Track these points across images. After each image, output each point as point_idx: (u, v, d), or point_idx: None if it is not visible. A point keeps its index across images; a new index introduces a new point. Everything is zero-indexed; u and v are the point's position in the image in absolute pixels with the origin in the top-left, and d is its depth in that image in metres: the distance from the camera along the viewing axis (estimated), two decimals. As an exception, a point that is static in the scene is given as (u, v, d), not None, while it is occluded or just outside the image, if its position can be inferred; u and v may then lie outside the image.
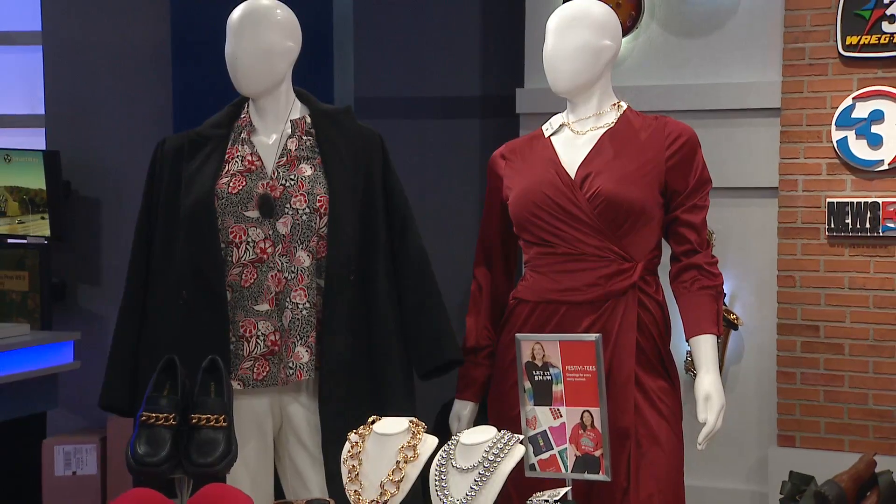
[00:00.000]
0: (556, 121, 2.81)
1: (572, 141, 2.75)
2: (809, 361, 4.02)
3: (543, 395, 2.35)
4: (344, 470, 2.25)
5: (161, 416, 2.29)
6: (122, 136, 4.64)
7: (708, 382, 2.64)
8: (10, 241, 4.62)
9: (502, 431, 2.22)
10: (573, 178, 2.68)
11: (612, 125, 2.74)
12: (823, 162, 3.99)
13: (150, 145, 2.78)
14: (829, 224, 3.96)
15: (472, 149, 4.81)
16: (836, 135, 3.95)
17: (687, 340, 2.72)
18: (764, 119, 4.12)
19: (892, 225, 3.89)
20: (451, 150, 4.83)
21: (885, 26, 3.89)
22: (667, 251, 2.79)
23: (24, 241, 4.58)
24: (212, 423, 2.30)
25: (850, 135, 3.93)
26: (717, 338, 2.71)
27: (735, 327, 4.16)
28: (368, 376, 2.64)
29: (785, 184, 4.06)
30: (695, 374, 2.70)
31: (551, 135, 2.78)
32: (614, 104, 2.77)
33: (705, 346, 2.68)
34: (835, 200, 3.95)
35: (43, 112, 4.85)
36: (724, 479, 4.20)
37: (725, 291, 2.87)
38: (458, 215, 4.69)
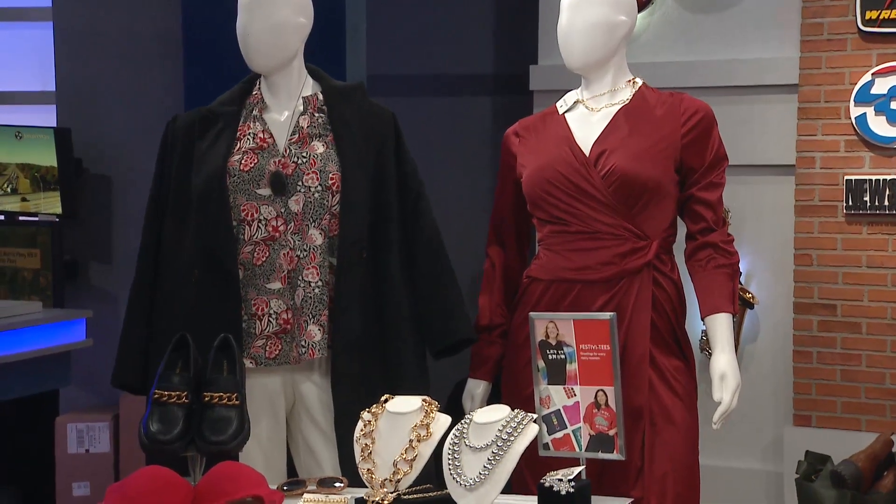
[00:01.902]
0: (570, 98, 2.80)
1: (587, 118, 2.74)
2: (826, 341, 4.01)
3: (557, 374, 2.35)
4: (357, 448, 2.26)
5: (174, 393, 2.31)
6: (134, 113, 4.65)
7: (723, 361, 2.64)
8: (21, 218, 4.63)
9: (516, 410, 2.22)
10: (587, 155, 2.68)
11: (627, 102, 2.73)
12: (841, 139, 3.97)
13: (162, 122, 2.78)
14: (847, 202, 3.94)
15: (486, 126, 4.80)
16: (855, 111, 3.93)
17: (702, 319, 2.72)
18: (781, 95, 4.10)
19: (910, 203, 3.87)
20: (464, 128, 4.83)
21: (906, 1, 3.86)
22: (682, 229, 2.78)
23: (36, 219, 4.59)
24: (224, 402, 2.32)
25: (869, 111, 3.91)
26: (733, 317, 2.71)
27: (751, 306, 4.16)
28: (381, 355, 2.65)
29: (802, 161, 4.04)
30: (710, 354, 2.70)
31: (565, 112, 2.78)
32: (629, 80, 2.76)
33: (721, 324, 2.68)
34: (853, 178, 3.93)
35: (54, 89, 4.85)
36: (739, 459, 4.21)
37: (741, 270, 2.87)
38: (471, 193, 4.68)
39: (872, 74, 3.90)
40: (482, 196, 4.50)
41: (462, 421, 2.26)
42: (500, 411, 2.23)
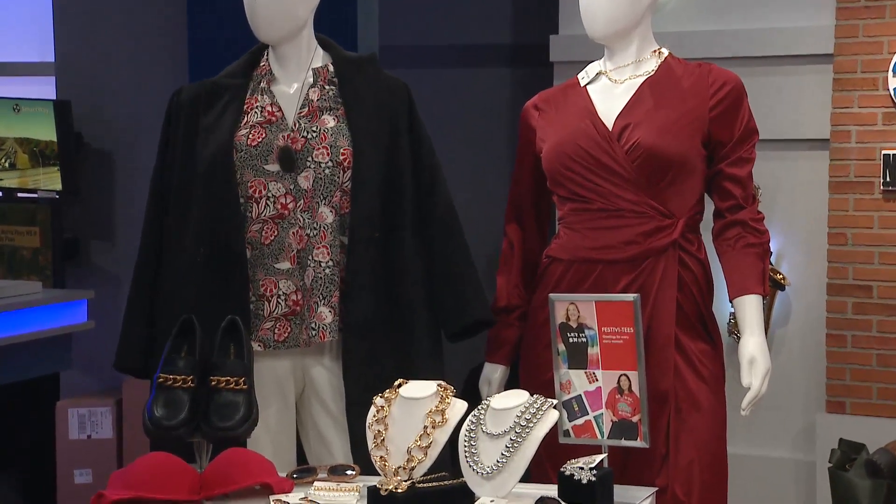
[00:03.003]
0: (592, 69, 2.79)
1: (610, 90, 2.74)
2: (861, 324, 4.00)
3: (578, 358, 2.36)
4: (369, 435, 2.27)
5: (179, 377, 2.32)
6: (137, 85, 4.66)
7: (753, 345, 2.65)
8: (20, 195, 4.66)
9: (535, 396, 2.23)
10: (610, 129, 2.68)
11: (653, 73, 2.72)
12: (879, 111, 3.95)
13: (166, 95, 2.79)
14: (885, 177, 3.93)
15: (503, 99, 4.80)
16: (893, 82, 3.91)
17: (730, 301, 2.72)
18: (815, 66, 4.08)
19: (951, 179, 3.86)
20: (480, 101, 4.83)
21: (947, -35, 3.83)
22: (710, 207, 2.78)
23: (35, 196, 4.62)
24: (232, 386, 2.33)
25: (908, 82, 3.90)
26: (763, 298, 2.72)
27: (782, 287, 4.15)
28: (394, 338, 2.66)
29: (837, 135, 4.02)
30: (738, 337, 2.70)
31: (587, 84, 2.78)
32: (655, 51, 2.76)
33: (750, 306, 2.68)
34: (891, 152, 3.92)
35: (53, 59, 4.86)
36: (769, 447, 4.22)
37: (772, 249, 2.87)
38: (487, 169, 4.69)
39: (912, 43, 3.89)
40: (499, 172, 4.50)
41: (479, 407, 2.27)
42: (519, 397, 2.24)
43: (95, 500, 2.21)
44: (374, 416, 2.29)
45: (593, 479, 2.13)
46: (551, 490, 2.19)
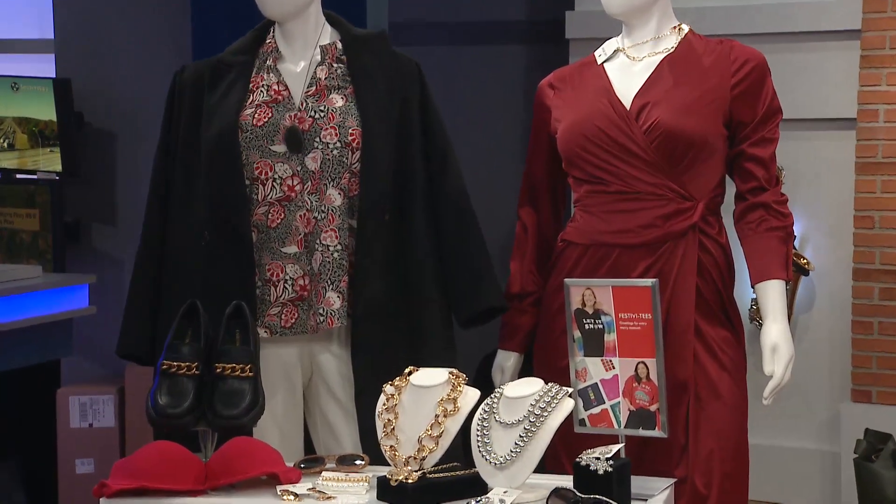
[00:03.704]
0: (609, 46, 2.79)
1: (628, 68, 2.74)
2: (888, 310, 4.00)
3: (594, 345, 2.36)
4: (379, 424, 2.28)
5: (183, 364, 2.34)
6: (140, 63, 4.66)
7: (775, 332, 2.65)
8: (19, 176, 4.66)
9: (549, 384, 2.24)
10: (628, 108, 2.68)
11: (672, 50, 2.72)
12: (908, 90, 3.94)
13: (169, 73, 2.80)
14: (913, 159, 3.92)
15: (518, 78, 4.79)
16: (923, 60, 3.90)
17: (752, 286, 2.72)
18: (841, 42, 4.07)
19: (982, 160, 3.84)
20: (493, 80, 4.82)
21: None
22: (731, 189, 2.78)
23: (35, 177, 4.62)
24: (237, 373, 2.35)
25: (938, 59, 3.88)
26: (786, 284, 2.71)
27: (806, 272, 4.15)
28: (405, 324, 2.67)
29: (864, 114, 4.01)
30: (760, 324, 2.70)
31: (604, 61, 2.77)
32: (674, 27, 2.75)
33: (773, 292, 2.68)
34: (919, 133, 3.91)
35: (52, 36, 4.87)
36: (792, 438, 4.22)
37: (795, 233, 2.86)
38: (501, 150, 4.69)
39: (942, 19, 3.87)
40: (513, 153, 4.50)
41: (492, 395, 2.28)
42: (533, 385, 2.24)
43: (98, 490, 2.23)
44: (384, 404, 2.30)
45: (610, 469, 2.14)
46: (566, 481, 2.20)
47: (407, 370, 2.32)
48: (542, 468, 2.24)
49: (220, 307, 2.45)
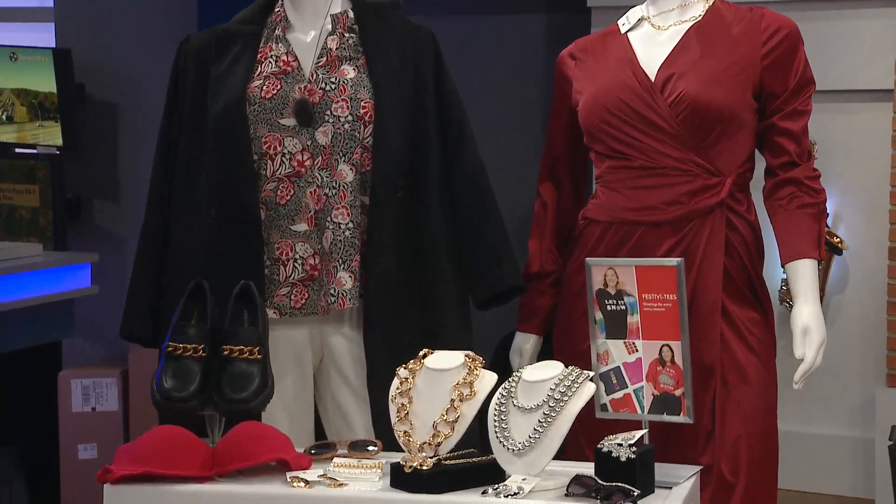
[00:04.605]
0: (633, 15, 2.79)
1: (652, 37, 2.73)
2: (925, 290, 3.99)
3: (617, 327, 2.37)
4: (392, 409, 2.30)
5: (189, 346, 2.35)
6: (143, 33, 4.66)
7: (807, 313, 2.65)
8: (18, 150, 4.68)
9: (570, 367, 2.25)
10: (653, 80, 2.67)
11: (699, 18, 2.71)
12: (947, 59, 3.92)
13: (174, 43, 2.80)
14: (952, 132, 3.90)
15: (537, 48, 4.77)
16: (963, 28, 3.87)
17: (783, 266, 2.72)
18: (878, 9, 4.04)
19: None
20: (512, 50, 4.80)
21: None
22: (760, 164, 2.77)
23: (34, 151, 4.64)
24: (245, 356, 2.36)
25: (980, 27, 3.86)
26: (818, 263, 2.71)
27: (839, 251, 4.14)
28: (419, 305, 2.68)
29: (901, 85, 3.99)
30: (791, 305, 2.70)
31: (628, 31, 2.77)
32: (702, -6, 2.75)
33: (804, 272, 2.68)
34: (959, 105, 3.89)
35: (52, 4, 4.87)
36: (823, 424, 4.22)
37: (828, 210, 2.86)
38: (519, 124, 4.68)
39: (985, -16, 3.84)
40: (533, 127, 4.49)
41: (510, 379, 2.29)
42: (553, 368, 2.25)
43: (102, 476, 2.25)
44: (398, 388, 2.31)
45: (633, 456, 2.15)
46: (587, 468, 2.21)
47: (421, 353, 2.33)
48: (561, 455, 2.25)
49: (228, 287, 2.46)
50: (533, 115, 4.62)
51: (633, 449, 2.15)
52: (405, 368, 2.32)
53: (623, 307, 2.36)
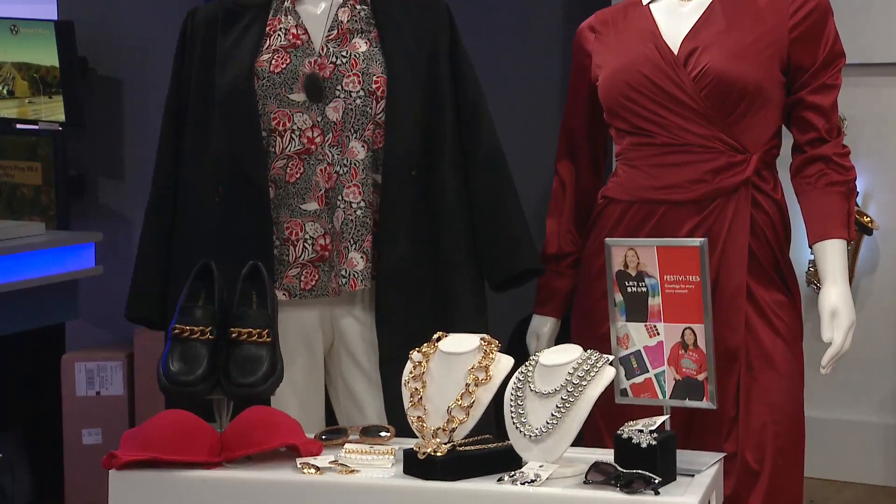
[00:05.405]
0: (656, -15, 2.78)
1: (676, 9, 2.73)
2: (958, 272, 3.98)
3: (637, 310, 2.37)
4: (405, 393, 2.30)
5: (196, 328, 2.36)
6: (148, 5, 4.67)
7: (835, 295, 2.64)
8: (19, 126, 4.69)
9: (589, 351, 2.25)
10: (676, 53, 2.67)
11: (724, -10, 2.71)
12: (983, 32, 3.90)
13: (180, 15, 2.81)
14: None
15: (555, 20, 4.77)
16: None
17: (810, 246, 2.72)
18: (911, -20, 4.03)
19: None
20: (529, 22, 4.80)
21: None
22: (787, 140, 2.77)
23: (36, 127, 4.65)
24: (254, 339, 2.37)
25: None
26: (847, 244, 2.71)
27: (869, 231, 4.13)
28: (433, 287, 2.68)
29: (935, 59, 3.98)
30: (818, 287, 2.70)
31: (650, 2, 2.76)
32: (727, -36, 2.74)
33: (833, 252, 2.67)
34: None
35: (54, -25, 4.88)
36: (852, 410, 4.22)
37: (858, 189, 2.85)
38: (537, 99, 4.67)
39: None
40: (551, 103, 4.49)
41: (526, 363, 2.29)
42: (571, 352, 2.25)
43: (107, 462, 2.26)
44: (411, 372, 2.31)
45: (654, 443, 2.15)
46: (607, 455, 2.22)
47: (435, 336, 2.34)
48: (580, 441, 2.25)
49: (236, 267, 2.47)
50: (551, 90, 4.62)
51: (654, 435, 2.16)
52: (418, 352, 2.32)
53: (644, 289, 2.36)
